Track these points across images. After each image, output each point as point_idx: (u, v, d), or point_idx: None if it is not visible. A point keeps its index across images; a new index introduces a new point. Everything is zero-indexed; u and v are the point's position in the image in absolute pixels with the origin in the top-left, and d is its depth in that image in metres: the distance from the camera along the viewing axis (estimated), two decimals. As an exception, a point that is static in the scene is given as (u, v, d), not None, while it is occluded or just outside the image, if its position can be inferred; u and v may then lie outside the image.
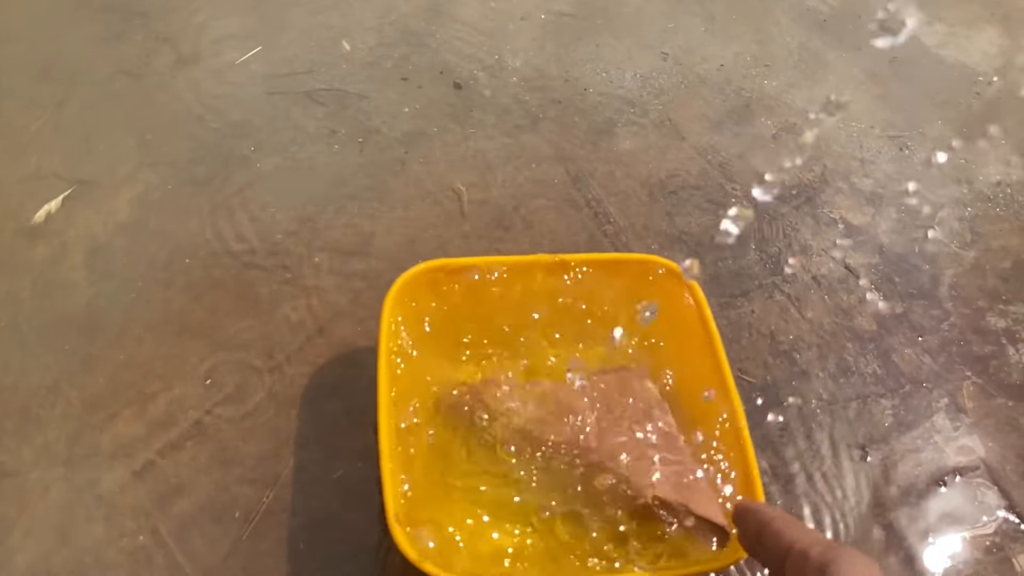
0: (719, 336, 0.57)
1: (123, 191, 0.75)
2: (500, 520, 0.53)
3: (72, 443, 0.59)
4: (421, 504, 0.51)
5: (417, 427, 0.55)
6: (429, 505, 0.52)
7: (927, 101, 0.94)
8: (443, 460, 0.55)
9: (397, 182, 0.78)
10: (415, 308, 0.59)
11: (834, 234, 0.78)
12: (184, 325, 0.66)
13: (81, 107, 0.82)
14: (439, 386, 0.58)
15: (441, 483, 0.53)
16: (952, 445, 0.65)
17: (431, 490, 0.53)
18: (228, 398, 0.62)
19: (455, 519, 0.52)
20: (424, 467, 0.53)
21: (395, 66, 0.89)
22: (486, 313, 0.61)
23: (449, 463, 0.55)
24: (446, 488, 0.54)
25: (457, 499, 0.54)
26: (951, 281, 0.76)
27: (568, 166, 0.81)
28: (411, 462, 0.53)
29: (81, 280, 0.68)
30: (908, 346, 0.71)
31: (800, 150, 0.86)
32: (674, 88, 0.91)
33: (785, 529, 0.41)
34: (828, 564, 0.37)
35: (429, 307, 0.60)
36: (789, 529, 0.41)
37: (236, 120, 0.82)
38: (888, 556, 0.58)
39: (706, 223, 0.77)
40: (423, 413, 0.57)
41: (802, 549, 0.39)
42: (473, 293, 0.61)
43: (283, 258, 0.71)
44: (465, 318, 0.61)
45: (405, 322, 0.58)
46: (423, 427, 0.55)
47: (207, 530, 0.55)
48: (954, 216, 0.82)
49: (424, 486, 0.53)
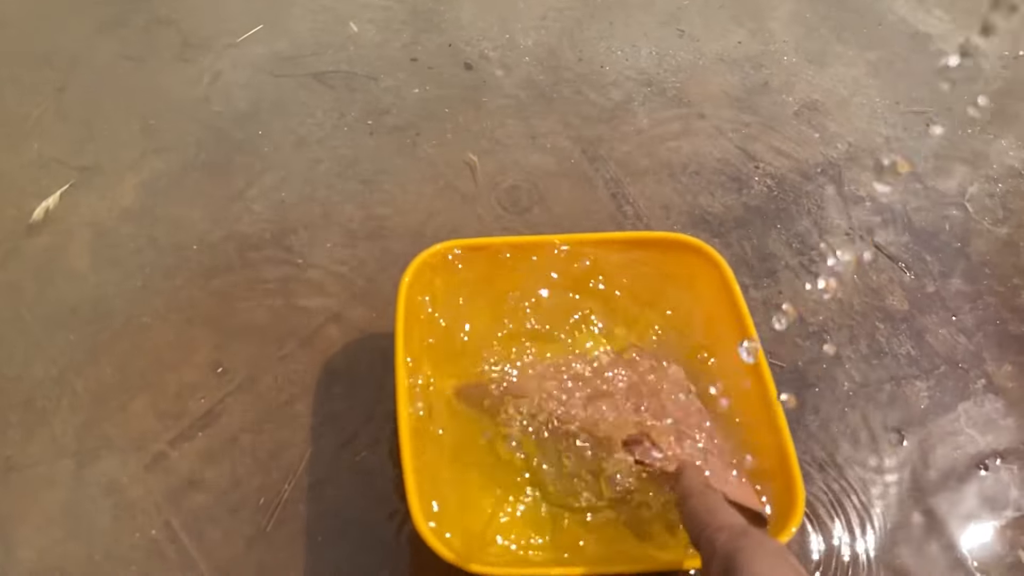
0: (750, 317, 0.55)
1: (128, 177, 0.72)
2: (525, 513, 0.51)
3: (80, 436, 0.57)
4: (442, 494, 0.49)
5: (437, 412, 0.53)
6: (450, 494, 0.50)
7: (951, 75, 0.91)
8: (464, 447, 0.53)
9: (408, 164, 0.75)
10: (432, 291, 0.57)
11: (861, 212, 0.76)
12: (193, 312, 0.63)
13: (82, 93, 0.79)
14: (460, 370, 0.56)
15: (462, 471, 0.51)
16: (992, 427, 0.62)
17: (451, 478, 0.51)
18: (240, 387, 0.60)
19: (478, 509, 0.50)
20: (444, 454, 0.51)
21: (404, 47, 0.87)
22: (504, 295, 0.59)
23: (470, 451, 0.53)
24: (468, 476, 0.51)
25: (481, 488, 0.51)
26: (984, 259, 0.73)
27: (584, 146, 0.79)
28: (431, 450, 0.51)
29: (86, 268, 0.66)
30: (942, 326, 0.68)
31: (823, 127, 0.83)
32: (691, 65, 0.89)
33: (699, 508, 0.41)
34: (734, 554, 0.36)
35: (447, 289, 0.58)
36: (703, 510, 0.41)
37: (242, 104, 0.79)
38: (929, 542, 0.56)
39: (729, 202, 0.75)
40: (443, 398, 0.54)
41: (709, 536, 0.38)
42: (490, 274, 0.58)
43: (294, 243, 0.68)
44: (483, 300, 0.59)
45: (422, 305, 0.56)
46: (443, 412, 0.53)
47: (222, 523, 0.53)
48: (984, 192, 0.79)
49: (445, 474, 0.51)
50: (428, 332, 0.56)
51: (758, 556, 0.35)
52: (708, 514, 0.40)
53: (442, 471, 0.51)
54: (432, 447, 0.51)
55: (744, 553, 0.35)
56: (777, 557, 0.36)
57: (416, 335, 0.54)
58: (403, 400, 0.49)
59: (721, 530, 0.38)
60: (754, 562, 0.35)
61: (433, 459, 0.51)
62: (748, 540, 0.37)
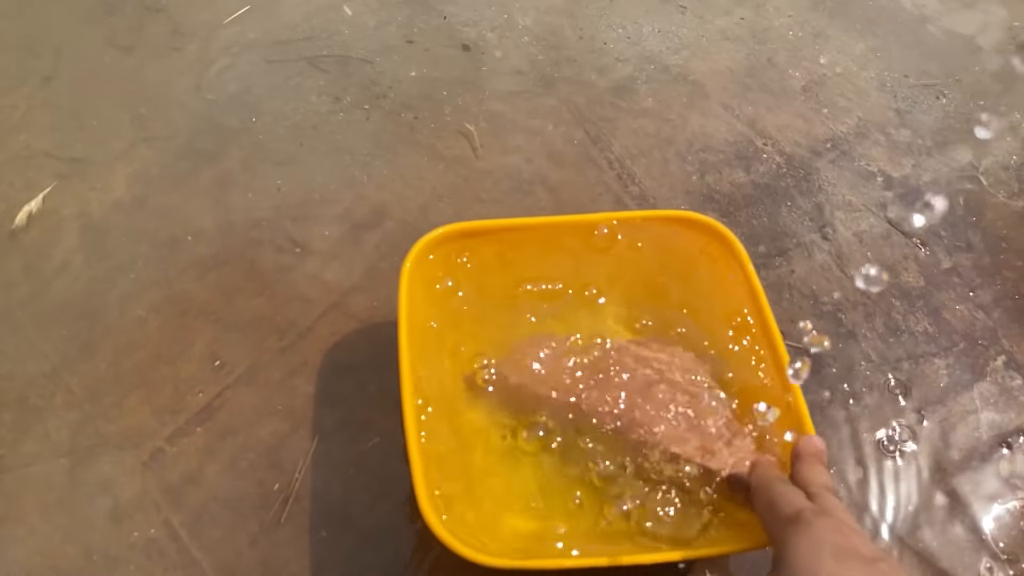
0: (765, 297, 0.53)
1: (118, 168, 0.70)
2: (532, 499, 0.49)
3: (75, 433, 0.55)
4: (451, 485, 0.47)
5: (445, 399, 0.51)
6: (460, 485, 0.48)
7: (961, 46, 0.88)
8: (471, 436, 0.51)
9: (407, 148, 0.73)
10: (435, 277, 0.55)
11: (873, 188, 0.74)
12: (189, 305, 0.62)
13: (70, 83, 0.77)
14: (465, 358, 0.54)
15: (470, 460, 0.50)
16: (1014, 404, 0.60)
17: (460, 469, 0.49)
18: (239, 380, 0.58)
19: (490, 500, 0.48)
20: (453, 443, 0.49)
21: (399, 29, 0.84)
22: (508, 278, 0.57)
23: (478, 439, 0.51)
24: (474, 465, 0.50)
25: (486, 476, 0.50)
26: (1000, 232, 0.71)
27: (587, 127, 0.77)
28: (439, 439, 0.49)
29: (78, 262, 0.64)
30: (959, 302, 0.66)
31: (831, 102, 0.81)
32: (695, 42, 0.86)
33: (777, 498, 0.41)
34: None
35: (450, 275, 0.56)
36: (782, 502, 0.40)
37: (235, 90, 0.77)
38: (952, 523, 0.54)
39: (737, 180, 0.73)
40: (448, 387, 0.53)
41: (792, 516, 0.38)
42: (494, 258, 0.56)
43: (291, 232, 0.66)
44: (486, 284, 0.57)
45: (425, 292, 0.54)
46: (448, 402, 0.51)
47: (222, 521, 0.52)
48: (999, 165, 0.77)
49: (452, 465, 0.49)
50: (431, 317, 0.55)
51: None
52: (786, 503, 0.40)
53: (452, 461, 0.49)
54: (440, 436, 0.50)
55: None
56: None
57: (419, 322, 0.52)
58: (407, 390, 0.47)
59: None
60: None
61: (441, 449, 0.49)
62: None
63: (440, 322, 0.55)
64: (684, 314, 0.56)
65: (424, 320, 0.54)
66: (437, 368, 0.53)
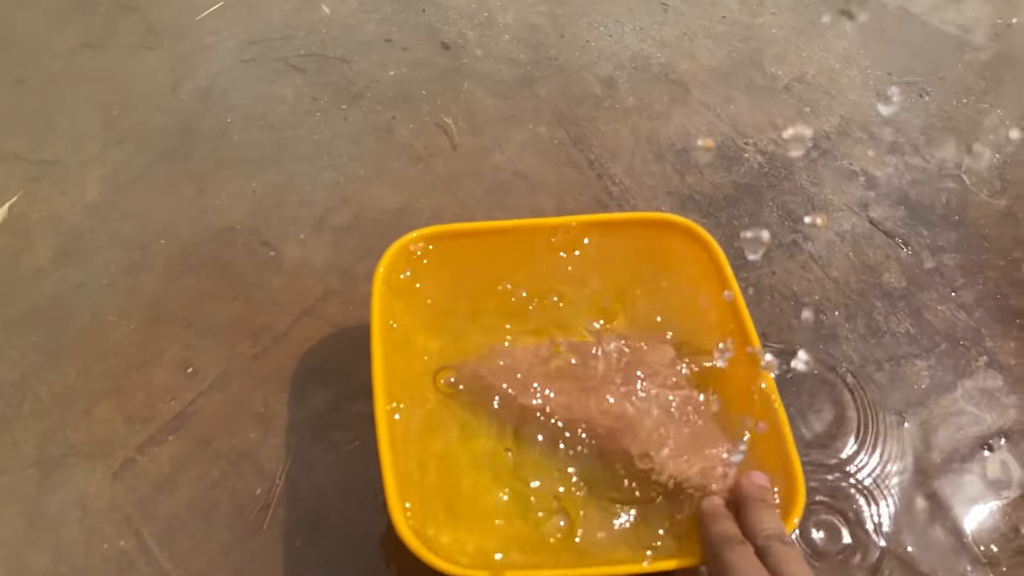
0: (743, 299, 0.52)
1: (90, 170, 0.69)
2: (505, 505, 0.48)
3: (43, 443, 0.54)
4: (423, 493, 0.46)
5: (415, 409, 0.50)
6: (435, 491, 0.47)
7: (944, 44, 0.88)
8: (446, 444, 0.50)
9: (385, 149, 0.72)
10: (410, 281, 0.54)
11: (855, 187, 0.73)
12: (161, 310, 0.60)
13: (41, 84, 0.76)
14: (440, 363, 0.53)
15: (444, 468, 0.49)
16: (995, 406, 0.60)
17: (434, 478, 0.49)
18: (212, 386, 0.57)
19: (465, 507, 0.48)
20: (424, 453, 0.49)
21: (378, 27, 0.83)
22: (486, 280, 0.56)
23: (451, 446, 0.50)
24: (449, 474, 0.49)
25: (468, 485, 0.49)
26: (982, 231, 0.71)
27: (568, 127, 0.76)
28: (414, 446, 0.48)
29: (47, 266, 0.63)
30: (941, 302, 0.66)
31: (814, 100, 0.81)
32: (677, 40, 0.86)
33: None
34: None
35: (426, 279, 0.55)
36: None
37: (209, 90, 0.76)
38: (934, 527, 0.54)
39: (718, 180, 0.72)
40: (421, 393, 0.52)
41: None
42: (472, 262, 0.56)
43: (266, 235, 0.65)
44: (464, 287, 0.56)
45: (400, 296, 0.53)
46: (422, 407, 0.51)
47: (194, 531, 0.51)
48: (981, 163, 0.77)
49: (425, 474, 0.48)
50: (406, 321, 0.54)
51: None
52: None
53: (427, 467, 0.49)
54: (413, 443, 0.49)
55: None
56: None
57: (395, 328, 0.52)
58: (380, 396, 0.46)
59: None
60: None
61: (416, 455, 0.48)
62: None
63: (415, 325, 0.54)
64: (661, 316, 0.56)
65: (399, 323, 0.53)
66: (411, 372, 0.52)
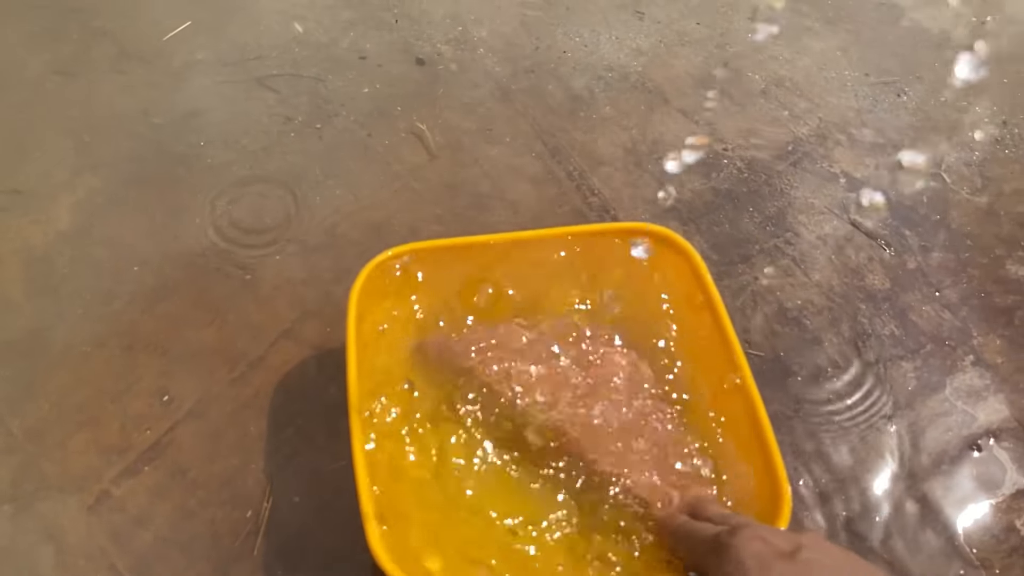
0: (723, 306, 0.52)
1: (62, 198, 0.68)
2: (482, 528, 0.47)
3: (16, 478, 0.53)
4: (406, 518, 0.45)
5: (394, 432, 0.49)
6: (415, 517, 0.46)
7: (921, 43, 0.88)
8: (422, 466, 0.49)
9: (361, 167, 0.72)
10: (387, 299, 0.54)
11: (836, 189, 0.73)
12: (136, 338, 0.59)
13: (11, 110, 0.75)
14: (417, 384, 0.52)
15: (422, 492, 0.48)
16: (983, 405, 0.59)
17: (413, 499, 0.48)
18: (189, 414, 0.56)
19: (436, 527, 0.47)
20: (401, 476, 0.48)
21: (351, 45, 0.83)
22: (464, 297, 0.55)
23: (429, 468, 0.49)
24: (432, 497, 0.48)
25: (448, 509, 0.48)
26: (965, 230, 0.71)
27: (545, 138, 0.75)
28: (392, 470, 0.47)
29: (19, 297, 0.62)
30: (925, 303, 0.65)
31: (791, 104, 0.80)
32: (653, 48, 0.85)
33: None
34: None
35: (402, 295, 0.54)
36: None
37: (182, 114, 0.75)
38: (924, 530, 0.53)
39: (697, 187, 0.72)
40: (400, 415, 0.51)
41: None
42: (449, 277, 0.55)
43: (241, 258, 0.64)
44: (443, 303, 0.55)
45: (376, 316, 0.53)
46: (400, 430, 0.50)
47: (172, 563, 0.49)
48: (961, 161, 0.76)
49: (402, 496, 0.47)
50: (384, 339, 0.53)
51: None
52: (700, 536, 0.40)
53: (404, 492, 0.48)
54: (393, 466, 0.48)
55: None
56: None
57: (371, 349, 0.51)
58: (356, 420, 0.45)
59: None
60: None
61: (395, 481, 0.47)
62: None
63: (393, 344, 0.54)
64: (640, 325, 0.55)
65: (375, 343, 0.52)
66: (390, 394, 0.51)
